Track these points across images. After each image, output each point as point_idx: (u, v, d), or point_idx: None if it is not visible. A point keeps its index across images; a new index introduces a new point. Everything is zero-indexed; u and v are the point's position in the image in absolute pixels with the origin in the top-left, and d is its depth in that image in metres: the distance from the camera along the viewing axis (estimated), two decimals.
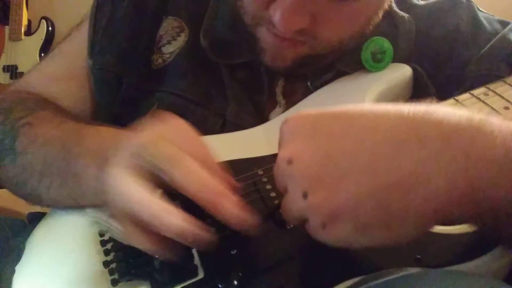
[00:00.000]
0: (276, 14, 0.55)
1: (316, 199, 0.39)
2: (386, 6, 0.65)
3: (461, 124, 0.37)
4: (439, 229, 0.47)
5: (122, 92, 0.72)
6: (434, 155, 0.36)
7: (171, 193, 0.44)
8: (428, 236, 0.47)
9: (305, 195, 0.39)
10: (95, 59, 0.72)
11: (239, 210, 0.43)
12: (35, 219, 0.63)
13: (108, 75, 0.72)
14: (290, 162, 0.41)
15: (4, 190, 0.69)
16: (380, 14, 0.65)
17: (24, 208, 0.68)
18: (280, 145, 0.44)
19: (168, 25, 0.73)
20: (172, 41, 0.72)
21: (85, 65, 0.73)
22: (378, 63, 0.68)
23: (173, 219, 0.42)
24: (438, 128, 0.37)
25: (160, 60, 0.72)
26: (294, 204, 0.41)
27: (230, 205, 0.43)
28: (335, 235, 0.39)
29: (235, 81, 0.70)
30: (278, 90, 0.70)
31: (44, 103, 0.69)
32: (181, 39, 0.72)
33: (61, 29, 2.51)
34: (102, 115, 0.74)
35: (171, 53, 0.72)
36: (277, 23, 0.56)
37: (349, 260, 0.47)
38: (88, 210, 0.57)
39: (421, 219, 0.37)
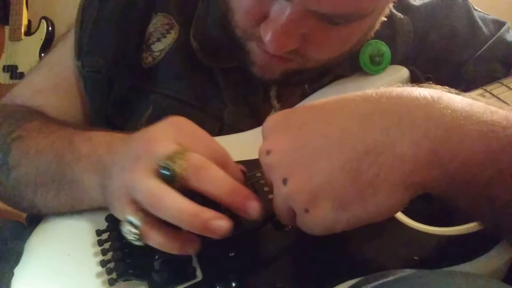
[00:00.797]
0: (267, 35, 0.55)
1: (294, 183, 0.41)
2: (377, 26, 0.65)
3: (421, 95, 0.41)
4: (437, 230, 0.47)
5: (114, 93, 0.72)
6: (396, 122, 0.39)
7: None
8: (427, 238, 0.48)
9: (284, 182, 0.42)
10: (84, 60, 0.71)
11: (260, 208, 0.46)
12: (34, 221, 0.64)
13: (99, 77, 0.71)
14: (268, 153, 0.43)
15: None
16: (378, 25, 0.65)
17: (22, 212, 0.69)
18: (262, 142, 0.46)
19: (158, 22, 0.71)
20: (162, 38, 0.71)
21: (72, 74, 0.73)
22: (377, 66, 0.68)
23: (204, 215, 0.44)
24: (399, 100, 0.41)
25: (150, 59, 0.71)
26: (278, 193, 0.43)
27: (255, 206, 0.46)
28: (318, 216, 0.41)
29: (230, 83, 0.70)
30: (272, 94, 0.70)
31: (32, 114, 0.69)
32: (171, 36, 0.71)
33: (61, 29, 2.50)
34: (94, 118, 0.74)
35: (160, 51, 0.71)
36: (267, 44, 0.56)
37: (347, 262, 0.48)
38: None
39: (391, 186, 0.39)
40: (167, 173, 0.44)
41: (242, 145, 0.59)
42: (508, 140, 0.38)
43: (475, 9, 0.73)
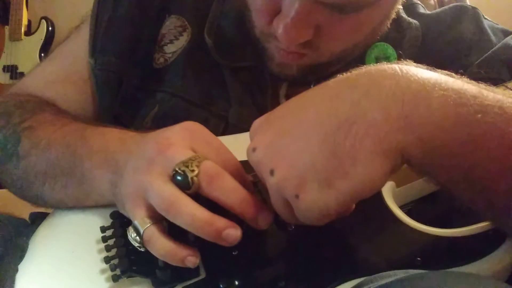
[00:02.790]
0: (279, 29, 0.57)
1: (281, 171, 0.42)
2: (393, 15, 0.66)
3: (389, 68, 0.43)
4: (440, 231, 0.48)
5: (122, 91, 0.73)
6: (365, 93, 0.41)
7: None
8: (430, 239, 0.48)
9: (272, 173, 0.43)
10: (97, 58, 0.72)
11: (270, 219, 0.47)
12: (38, 218, 0.64)
13: (110, 75, 0.72)
14: (254, 150, 0.45)
15: (5, 190, 0.70)
16: (388, 23, 0.66)
17: (26, 208, 0.69)
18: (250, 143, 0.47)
19: (171, 24, 0.73)
20: (174, 40, 0.73)
21: (84, 68, 0.74)
22: None
23: (218, 223, 0.45)
24: (367, 74, 0.43)
25: (161, 60, 0.73)
26: (270, 187, 0.44)
27: (265, 217, 0.47)
28: (308, 199, 0.41)
29: (238, 83, 0.70)
30: (282, 93, 0.71)
31: (43, 105, 0.70)
32: (183, 39, 0.72)
33: (61, 29, 2.52)
34: (102, 115, 0.74)
35: (173, 52, 0.72)
36: (280, 37, 0.57)
37: (350, 262, 0.48)
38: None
39: (369, 154, 0.40)
40: (182, 179, 0.45)
41: (246, 144, 0.59)
42: (478, 108, 0.39)
43: (485, 18, 0.74)
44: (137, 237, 0.46)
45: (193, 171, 0.45)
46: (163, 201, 0.45)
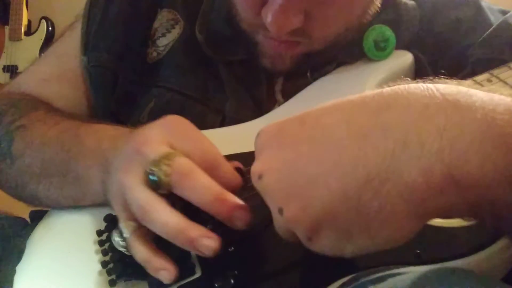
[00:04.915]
0: (268, 17, 0.55)
1: (292, 213, 0.37)
2: (377, 3, 0.65)
3: (434, 101, 0.34)
4: (439, 222, 0.47)
5: (118, 87, 0.73)
6: (402, 143, 0.34)
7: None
8: (429, 230, 0.47)
9: (280, 211, 0.38)
10: (90, 56, 0.72)
11: (248, 218, 0.45)
12: (37, 217, 0.65)
13: (104, 72, 0.72)
14: (260, 177, 0.39)
15: None
16: (378, 2, 0.65)
17: (26, 206, 0.69)
18: (255, 159, 0.42)
19: (163, 17, 0.73)
20: (166, 33, 0.72)
21: (78, 66, 0.74)
22: (382, 51, 0.67)
23: (190, 233, 0.44)
24: (404, 111, 0.35)
25: (154, 54, 0.73)
26: (275, 220, 0.40)
27: (241, 216, 0.45)
28: (323, 245, 0.37)
29: (233, 76, 0.70)
30: (277, 88, 0.70)
31: (37, 104, 0.70)
32: (176, 32, 0.72)
33: (61, 29, 2.52)
34: (98, 112, 0.74)
35: (165, 45, 0.72)
36: (269, 26, 0.56)
37: (346, 258, 0.47)
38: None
39: (400, 219, 0.34)
40: (154, 179, 0.45)
41: (243, 136, 0.58)
42: None
43: (484, 1, 0.72)
44: (121, 241, 0.47)
45: (162, 170, 0.44)
46: (138, 208, 0.45)
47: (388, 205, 0.34)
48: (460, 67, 0.65)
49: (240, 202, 0.45)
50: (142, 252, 0.46)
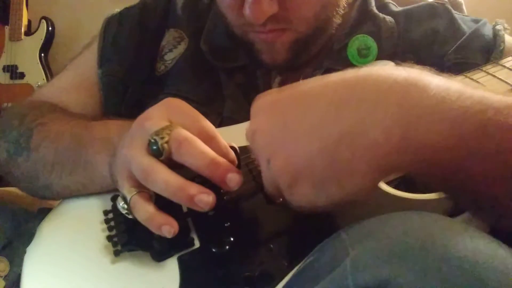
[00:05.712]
0: (246, 10, 0.64)
1: (277, 163, 0.46)
2: None
3: (397, 81, 0.43)
4: (414, 196, 0.53)
5: (128, 97, 0.82)
6: (371, 110, 0.43)
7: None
8: (405, 203, 0.53)
9: (268, 162, 0.47)
10: (103, 68, 0.82)
11: (239, 179, 0.51)
12: (45, 212, 0.69)
13: (114, 80, 0.82)
14: (253, 133, 0.48)
15: (14, 188, 0.76)
16: None
17: (34, 206, 0.75)
18: (250, 121, 0.51)
19: (170, 36, 0.84)
20: (173, 49, 0.82)
21: (93, 75, 0.83)
22: (364, 58, 0.75)
23: (193, 191, 0.50)
24: (374, 88, 0.44)
25: (162, 67, 0.83)
26: (264, 173, 0.48)
27: (234, 177, 0.51)
28: (300, 193, 0.45)
29: (232, 83, 0.79)
30: (275, 86, 0.78)
31: (55, 108, 0.78)
32: (181, 47, 0.82)
33: (61, 29, 2.57)
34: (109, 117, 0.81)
35: (172, 59, 0.82)
36: (249, 18, 0.65)
37: (333, 230, 0.53)
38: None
39: (366, 168, 0.43)
40: (155, 147, 0.51)
41: (240, 133, 0.64)
42: (480, 124, 0.41)
43: (456, 13, 0.81)
44: (124, 205, 0.52)
45: (163, 138, 0.50)
46: (141, 171, 0.51)
47: (356, 157, 0.42)
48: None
49: (232, 166, 0.52)
50: (144, 211, 0.51)
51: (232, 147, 0.56)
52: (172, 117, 0.54)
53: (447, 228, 0.38)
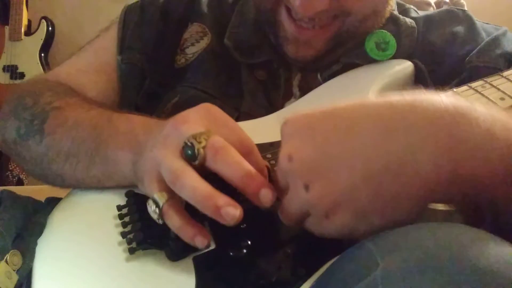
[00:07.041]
0: (296, 0, 0.64)
1: (317, 190, 0.44)
2: (388, 11, 0.76)
3: (447, 111, 0.42)
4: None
5: (146, 87, 0.82)
6: (420, 140, 0.41)
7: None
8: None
9: (306, 187, 0.44)
10: (123, 55, 0.82)
11: (272, 197, 0.49)
12: (53, 201, 0.69)
13: (134, 68, 0.82)
14: (290, 159, 0.46)
15: (22, 187, 0.76)
16: (385, 11, 0.75)
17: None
18: (281, 145, 0.49)
19: (193, 30, 0.85)
20: (195, 43, 0.83)
21: (113, 61, 0.83)
22: (383, 52, 0.75)
23: (218, 200, 0.47)
24: (424, 116, 0.42)
25: (183, 60, 0.83)
26: (296, 198, 0.46)
27: (267, 194, 0.48)
28: (338, 223, 0.44)
29: (253, 79, 0.79)
30: (295, 83, 0.79)
31: (72, 92, 0.76)
32: (204, 42, 0.83)
33: (61, 29, 2.58)
34: (124, 106, 0.81)
35: (193, 53, 0.83)
36: (297, 8, 0.64)
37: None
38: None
39: (411, 201, 0.42)
40: (190, 151, 0.49)
41: (256, 129, 0.64)
42: None
43: (477, 20, 0.82)
44: (157, 209, 0.50)
45: (200, 143, 0.49)
46: (171, 174, 0.50)
47: (404, 191, 0.41)
48: (456, 74, 0.74)
49: (267, 182, 0.50)
50: (177, 220, 0.50)
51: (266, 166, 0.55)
52: (210, 124, 0.53)
53: (477, 238, 0.38)
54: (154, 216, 0.51)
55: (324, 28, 0.71)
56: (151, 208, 0.51)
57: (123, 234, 0.56)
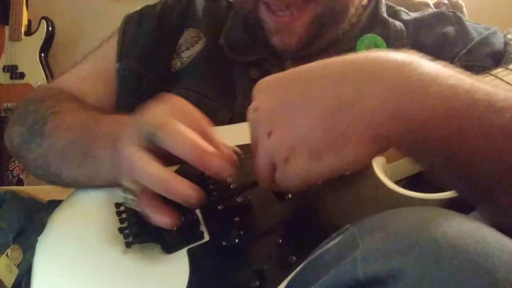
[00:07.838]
0: None
1: (278, 135, 0.48)
2: None
3: (395, 59, 0.47)
4: (423, 195, 0.55)
5: (143, 90, 0.86)
6: (370, 82, 0.46)
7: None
8: (415, 203, 0.55)
9: (269, 135, 0.49)
10: (122, 61, 0.87)
11: (224, 162, 0.52)
12: (55, 202, 0.72)
13: (130, 73, 0.87)
14: (256, 110, 0.51)
15: (25, 187, 0.79)
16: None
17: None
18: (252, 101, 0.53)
19: (188, 35, 0.89)
20: (190, 47, 0.88)
21: (112, 68, 0.88)
22: None
23: (178, 185, 0.51)
24: (373, 62, 0.47)
25: (178, 64, 0.87)
26: (262, 148, 0.50)
27: (216, 160, 0.52)
28: (296, 165, 0.47)
29: (246, 78, 0.83)
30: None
31: (72, 98, 0.82)
32: (198, 46, 0.87)
33: (61, 29, 2.60)
34: (123, 110, 0.83)
35: (188, 56, 0.87)
36: (272, 0, 0.69)
37: (339, 225, 0.55)
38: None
39: (361, 137, 0.45)
40: (147, 139, 0.53)
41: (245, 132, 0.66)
42: (469, 102, 0.44)
43: (467, 20, 0.85)
44: (131, 196, 0.55)
45: (156, 131, 0.52)
46: (130, 165, 0.53)
47: (352, 125, 0.45)
48: None
49: (219, 152, 0.53)
50: (147, 207, 0.53)
51: (236, 152, 0.58)
52: (173, 114, 0.55)
53: (457, 221, 0.40)
54: (130, 203, 0.55)
55: (300, 11, 0.75)
56: (126, 196, 0.55)
57: (120, 230, 0.58)
